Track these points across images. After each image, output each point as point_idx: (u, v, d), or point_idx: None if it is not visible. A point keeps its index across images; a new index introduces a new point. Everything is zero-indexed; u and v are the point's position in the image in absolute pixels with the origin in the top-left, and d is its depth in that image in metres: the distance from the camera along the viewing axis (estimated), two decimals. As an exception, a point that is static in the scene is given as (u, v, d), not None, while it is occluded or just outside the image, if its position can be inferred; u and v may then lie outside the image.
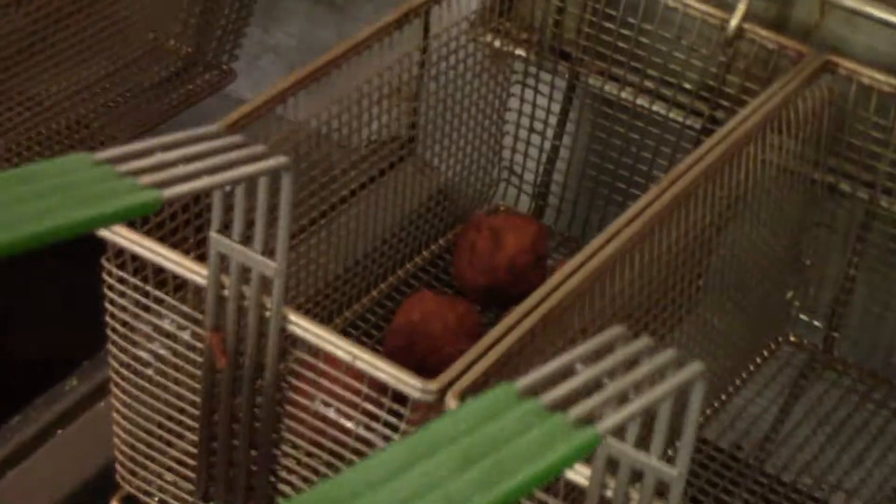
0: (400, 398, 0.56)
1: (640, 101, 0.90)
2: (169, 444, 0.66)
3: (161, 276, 0.60)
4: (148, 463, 0.67)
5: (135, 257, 0.60)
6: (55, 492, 0.79)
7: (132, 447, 0.67)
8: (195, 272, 0.58)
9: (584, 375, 0.40)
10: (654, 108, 0.89)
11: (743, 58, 0.84)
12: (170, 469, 0.66)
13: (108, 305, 0.63)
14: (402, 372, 0.55)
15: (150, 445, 0.66)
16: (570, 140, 0.94)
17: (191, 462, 0.65)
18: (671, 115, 0.89)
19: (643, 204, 0.68)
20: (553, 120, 0.95)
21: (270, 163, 0.51)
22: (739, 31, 0.83)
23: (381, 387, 0.56)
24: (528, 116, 0.95)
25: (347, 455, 0.59)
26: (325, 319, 0.84)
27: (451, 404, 0.54)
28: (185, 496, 0.66)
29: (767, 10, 0.86)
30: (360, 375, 0.57)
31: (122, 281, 0.62)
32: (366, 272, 0.87)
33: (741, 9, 0.83)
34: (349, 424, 0.58)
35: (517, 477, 0.36)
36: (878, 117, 0.81)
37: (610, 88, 0.91)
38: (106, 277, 0.62)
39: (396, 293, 0.90)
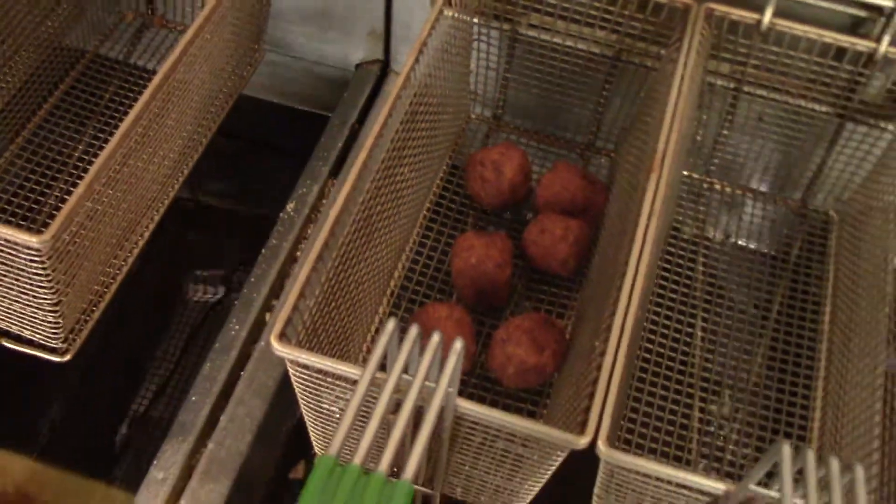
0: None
1: (568, 43, 1.20)
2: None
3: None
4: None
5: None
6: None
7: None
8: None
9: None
10: (578, 46, 1.20)
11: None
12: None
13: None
14: None
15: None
16: (516, 72, 1.24)
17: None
18: (589, 49, 1.20)
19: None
20: (503, 61, 1.24)
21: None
22: None
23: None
24: (485, 59, 1.24)
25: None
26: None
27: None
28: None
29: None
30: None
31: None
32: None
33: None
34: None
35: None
36: None
37: (546, 37, 1.20)
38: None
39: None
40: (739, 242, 1.23)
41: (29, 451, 1.23)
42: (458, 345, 0.72)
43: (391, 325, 0.72)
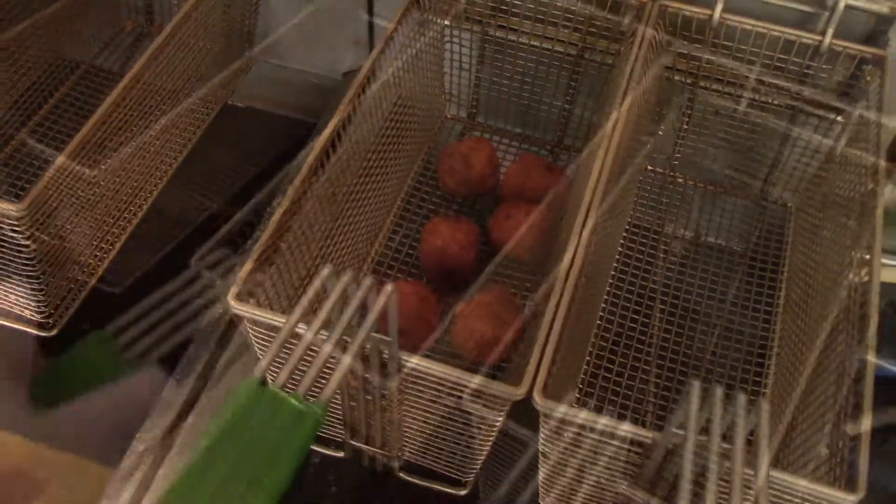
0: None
1: (534, 43, 1.20)
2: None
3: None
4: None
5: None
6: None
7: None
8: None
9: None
10: (544, 45, 1.20)
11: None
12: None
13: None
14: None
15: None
16: (488, 73, 1.24)
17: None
18: (554, 48, 1.20)
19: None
20: (475, 62, 1.24)
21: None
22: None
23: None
24: (457, 61, 1.24)
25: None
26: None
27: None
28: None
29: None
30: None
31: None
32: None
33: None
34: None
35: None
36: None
37: (514, 37, 1.20)
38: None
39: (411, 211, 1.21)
40: (699, 232, 1.21)
41: (23, 431, 1.23)
42: (388, 287, 0.71)
43: (326, 270, 0.72)
